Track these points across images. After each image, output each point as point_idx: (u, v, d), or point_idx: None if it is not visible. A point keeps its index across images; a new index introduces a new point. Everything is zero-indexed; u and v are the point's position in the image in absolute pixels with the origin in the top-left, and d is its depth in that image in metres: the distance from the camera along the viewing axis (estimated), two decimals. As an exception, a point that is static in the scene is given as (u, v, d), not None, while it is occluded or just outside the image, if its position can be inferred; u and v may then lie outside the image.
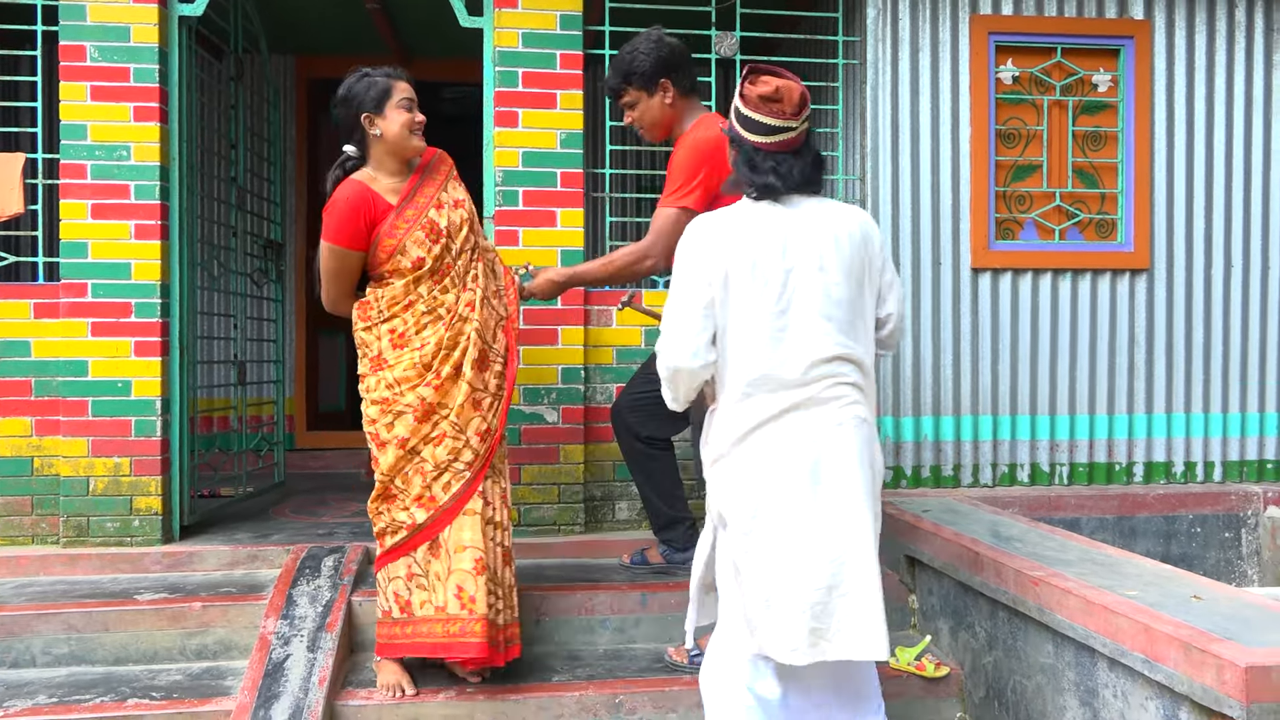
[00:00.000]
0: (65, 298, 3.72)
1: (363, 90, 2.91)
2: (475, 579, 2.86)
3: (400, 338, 2.91)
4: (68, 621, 3.21)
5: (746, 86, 2.44)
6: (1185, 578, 2.79)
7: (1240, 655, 2.08)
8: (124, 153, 3.73)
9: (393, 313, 2.92)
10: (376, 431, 2.92)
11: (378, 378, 2.92)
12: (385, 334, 2.92)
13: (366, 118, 2.91)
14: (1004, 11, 4.42)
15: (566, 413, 3.92)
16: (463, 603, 2.86)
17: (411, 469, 2.90)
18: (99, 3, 3.72)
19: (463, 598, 2.86)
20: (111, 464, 3.72)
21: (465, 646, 2.86)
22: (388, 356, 2.91)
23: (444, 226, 2.93)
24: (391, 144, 2.93)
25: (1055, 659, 2.73)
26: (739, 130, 2.46)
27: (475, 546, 2.88)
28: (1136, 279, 4.49)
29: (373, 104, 2.90)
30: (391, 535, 2.94)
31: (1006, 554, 3.03)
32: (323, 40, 6.01)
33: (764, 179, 2.42)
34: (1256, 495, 4.41)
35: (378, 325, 2.94)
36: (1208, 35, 4.53)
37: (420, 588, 2.92)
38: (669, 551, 3.54)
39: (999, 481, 4.44)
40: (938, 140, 4.37)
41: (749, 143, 2.44)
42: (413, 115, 2.93)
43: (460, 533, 2.89)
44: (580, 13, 3.93)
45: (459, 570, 2.88)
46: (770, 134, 2.42)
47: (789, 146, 2.43)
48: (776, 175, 2.42)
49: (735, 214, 2.44)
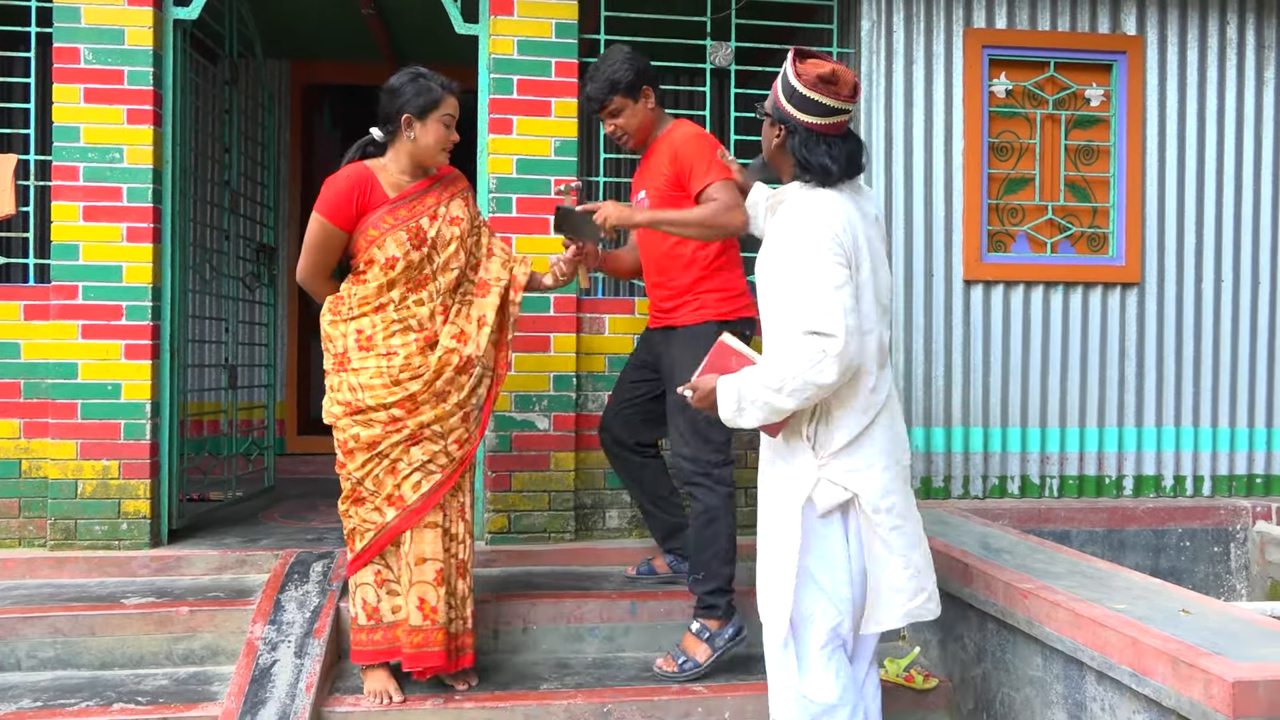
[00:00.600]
0: (56, 300, 3.71)
1: (413, 92, 2.89)
2: (436, 590, 2.90)
3: (368, 340, 2.89)
4: (54, 625, 3.19)
5: (802, 66, 2.40)
6: (1174, 592, 2.79)
7: (1228, 670, 2.08)
8: (117, 155, 3.72)
9: (362, 311, 2.90)
10: (344, 437, 2.91)
11: (340, 378, 2.91)
12: (352, 333, 2.91)
13: (407, 119, 2.90)
14: (998, 25, 4.44)
15: (558, 420, 3.92)
16: (425, 613, 2.89)
17: (382, 471, 2.89)
18: (94, 5, 3.71)
19: (425, 609, 2.89)
20: (100, 467, 3.71)
21: (428, 656, 2.90)
22: (352, 357, 2.89)
23: (430, 236, 2.92)
24: (420, 152, 2.93)
25: (1044, 671, 2.73)
26: (791, 111, 2.40)
27: (436, 559, 2.91)
28: (1127, 292, 4.51)
29: (418, 109, 2.89)
30: (361, 537, 2.94)
31: (996, 566, 3.03)
32: (318, 45, 6.02)
33: (821, 160, 2.39)
34: (1245, 510, 4.43)
35: (345, 322, 2.93)
36: (1199, 51, 4.56)
37: (391, 594, 2.94)
38: (675, 561, 3.55)
39: (989, 493, 4.44)
40: (931, 152, 4.39)
41: (802, 124, 2.40)
42: (449, 133, 2.94)
43: (421, 545, 2.91)
44: (575, 21, 3.94)
45: (421, 582, 2.90)
46: (827, 115, 2.39)
47: (840, 129, 2.42)
48: (831, 159, 2.39)
49: (836, 198, 2.39)
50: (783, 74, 2.44)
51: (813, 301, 2.27)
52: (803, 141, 2.40)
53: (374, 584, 2.94)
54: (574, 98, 3.94)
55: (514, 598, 3.41)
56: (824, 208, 2.35)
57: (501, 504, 3.89)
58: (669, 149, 3.24)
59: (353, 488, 2.92)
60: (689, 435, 3.18)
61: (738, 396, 2.35)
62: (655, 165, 3.30)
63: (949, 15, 4.41)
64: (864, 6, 4.37)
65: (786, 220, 2.42)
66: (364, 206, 2.89)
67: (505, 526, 3.89)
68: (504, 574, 3.71)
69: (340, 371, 2.91)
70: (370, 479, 2.89)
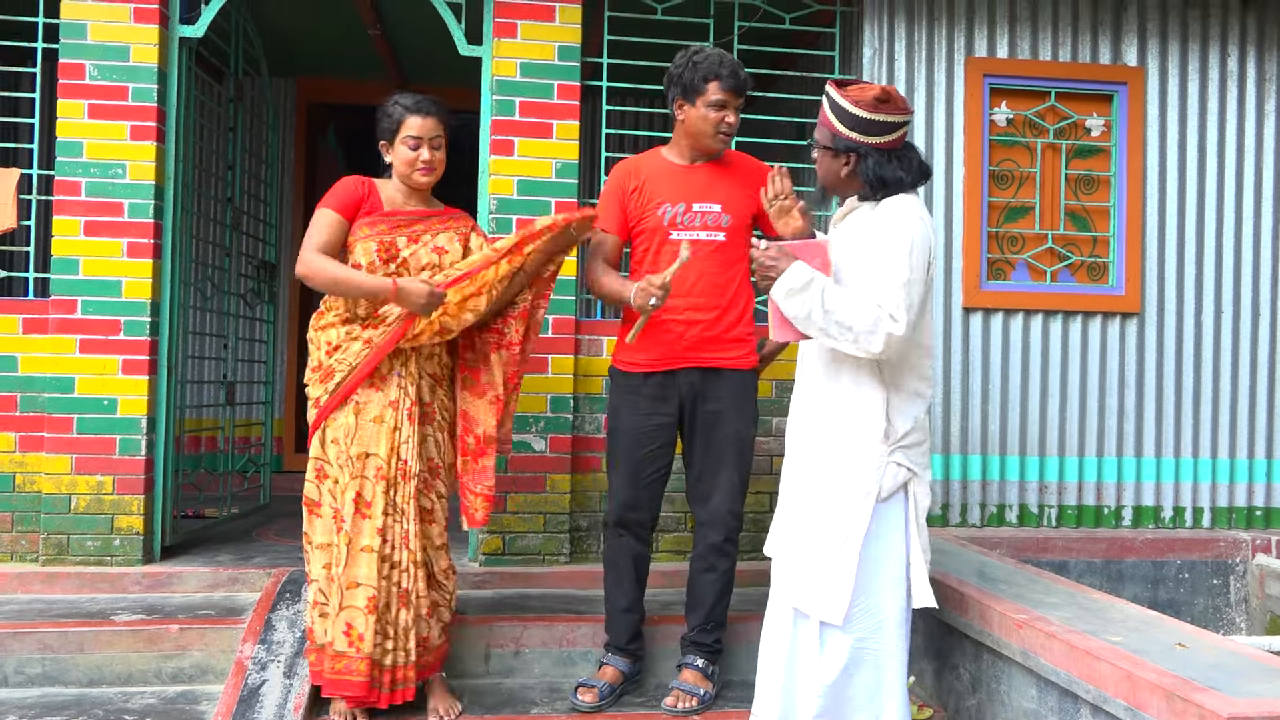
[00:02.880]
0: (55, 314, 3.71)
1: (381, 118, 2.98)
2: (365, 617, 2.82)
3: (333, 350, 2.93)
4: (42, 641, 3.17)
5: (852, 93, 2.52)
6: (1170, 624, 2.77)
7: (1223, 705, 2.06)
8: (119, 171, 3.73)
9: (330, 323, 2.96)
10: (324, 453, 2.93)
11: (323, 389, 2.93)
12: (323, 344, 2.94)
13: (383, 145, 3.00)
14: (999, 55, 4.46)
15: (554, 442, 3.91)
16: (350, 640, 2.82)
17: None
18: (100, 22, 3.74)
19: (351, 635, 2.82)
20: (94, 482, 3.70)
21: (346, 684, 2.83)
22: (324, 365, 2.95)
23: (404, 255, 2.93)
24: (399, 174, 2.99)
25: (1039, 704, 2.70)
26: (858, 138, 2.52)
27: (369, 584, 2.83)
28: (1127, 322, 4.50)
29: (387, 134, 2.97)
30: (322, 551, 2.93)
31: (992, 596, 3.01)
32: (324, 64, 6.06)
33: (897, 174, 2.53)
34: (1245, 542, 4.40)
35: (317, 331, 2.97)
36: (1200, 83, 4.58)
37: (323, 615, 2.89)
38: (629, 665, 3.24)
39: (987, 522, 4.42)
40: (931, 180, 4.39)
41: (872, 146, 2.52)
42: (417, 155, 2.94)
43: (355, 569, 2.84)
44: (579, 44, 3.96)
45: (350, 607, 2.83)
46: (892, 131, 2.52)
47: (901, 142, 2.56)
48: (905, 171, 2.55)
49: (917, 204, 2.57)
50: (833, 106, 2.55)
51: (889, 288, 2.43)
52: (876, 163, 2.53)
53: (311, 604, 2.91)
54: (576, 120, 3.96)
55: (506, 620, 3.39)
56: (909, 214, 2.50)
57: (496, 525, 3.87)
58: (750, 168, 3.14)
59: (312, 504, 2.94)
60: (740, 489, 3.12)
61: (805, 284, 2.47)
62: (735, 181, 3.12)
63: (950, 44, 4.43)
64: (866, 34, 4.39)
65: (869, 225, 2.54)
66: (359, 203, 2.95)
67: (500, 548, 3.87)
68: (497, 596, 3.69)
69: (324, 383, 2.94)
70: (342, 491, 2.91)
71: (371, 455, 2.87)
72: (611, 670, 3.17)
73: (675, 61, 3.08)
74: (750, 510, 4.04)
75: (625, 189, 3.15)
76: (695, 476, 3.15)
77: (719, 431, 3.07)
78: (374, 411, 2.89)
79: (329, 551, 2.88)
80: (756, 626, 3.44)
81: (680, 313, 3.02)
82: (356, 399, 2.88)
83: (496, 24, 3.92)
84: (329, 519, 2.89)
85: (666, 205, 3.08)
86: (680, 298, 3.00)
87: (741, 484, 3.13)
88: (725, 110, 3.02)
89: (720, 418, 3.07)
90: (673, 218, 3.07)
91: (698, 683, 3.11)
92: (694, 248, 2.95)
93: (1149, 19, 4.54)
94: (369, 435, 2.88)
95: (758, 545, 4.01)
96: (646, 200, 3.11)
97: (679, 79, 3.05)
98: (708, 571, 3.14)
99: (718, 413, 3.07)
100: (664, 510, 3.96)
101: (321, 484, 2.91)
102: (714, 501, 3.10)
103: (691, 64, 3.02)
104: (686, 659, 3.17)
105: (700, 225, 3.07)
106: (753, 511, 4.05)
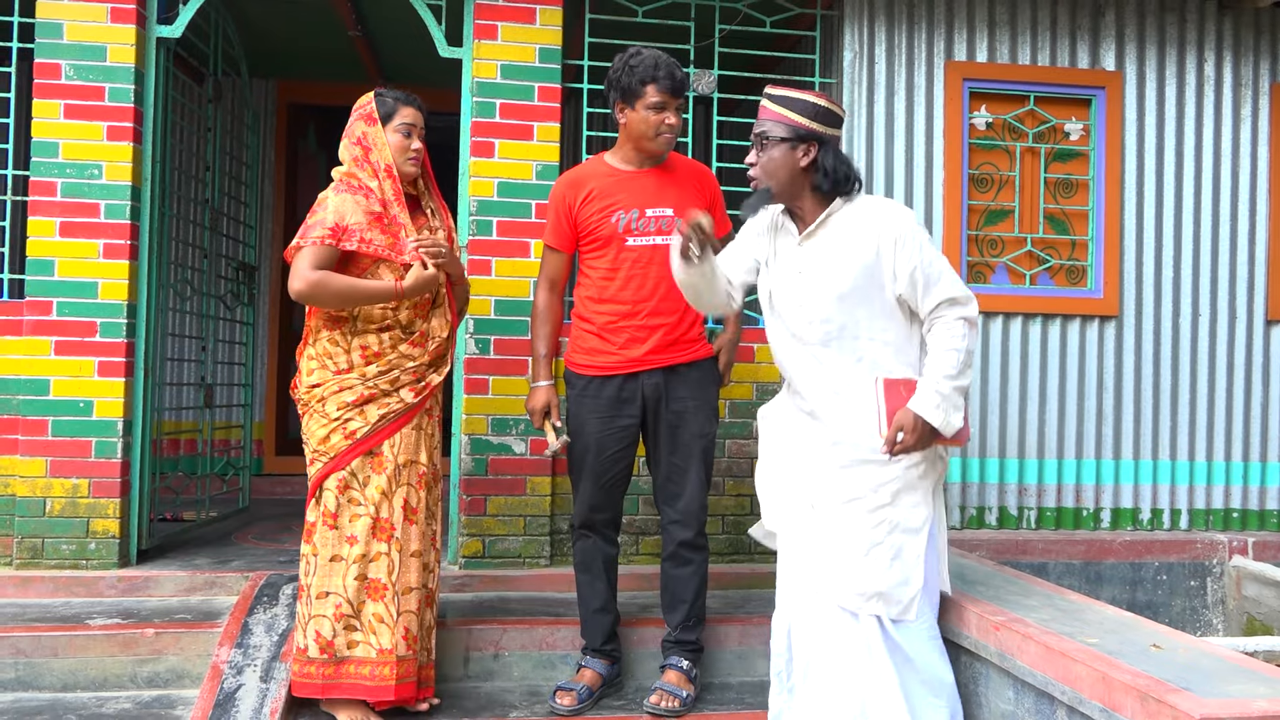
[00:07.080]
0: (30, 315, 3.68)
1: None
2: (417, 619, 2.93)
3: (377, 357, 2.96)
4: (15, 645, 3.14)
5: (801, 90, 2.62)
6: (1146, 626, 2.78)
7: (1195, 706, 2.07)
8: (95, 171, 3.71)
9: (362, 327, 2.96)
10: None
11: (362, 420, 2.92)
12: (356, 348, 2.95)
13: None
14: (979, 59, 4.48)
15: (535, 444, 3.90)
16: (409, 644, 2.89)
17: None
18: (76, 22, 3.71)
19: (409, 639, 2.89)
20: (70, 485, 3.67)
21: (396, 689, 2.85)
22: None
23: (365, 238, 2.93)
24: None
25: (1016, 705, 2.71)
26: (819, 128, 2.60)
27: (420, 588, 2.94)
28: (1106, 325, 4.53)
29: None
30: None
31: (969, 598, 3.01)
32: (305, 66, 6.02)
33: (852, 169, 2.66)
34: (1222, 544, 4.43)
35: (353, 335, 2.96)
36: (1178, 88, 4.61)
37: (351, 629, 2.85)
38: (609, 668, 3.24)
39: (967, 524, 4.44)
40: (911, 183, 4.41)
41: (833, 137, 2.64)
42: (409, 141, 2.98)
43: (408, 575, 2.91)
44: (559, 47, 3.95)
45: (406, 612, 2.89)
46: (841, 126, 2.67)
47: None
48: (852, 166, 2.66)
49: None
50: (784, 101, 2.61)
51: (940, 275, 2.55)
52: (834, 153, 2.60)
53: (332, 617, 2.84)
54: (557, 122, 3.95)
55: (486, 623, 3.38)
56: (894, 205, 2.62)
57: (476, 528, 3.85)
58: (695, 172, 3.22)
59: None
60: (707, 484, 3.15)
61: (939, 403, 2.49)
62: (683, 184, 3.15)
63: (930, 48, 4.45)
64: (846, 38, 4.40)
65: (868, 225, 2.59)
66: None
67: (479, 551, 3.86)
68: (476, 599, 3.68)
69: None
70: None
71: (415, 462, 2.95)
72: (590, 673, 3.16)
73: (613, 65, 3.07)
74: (731, 512, 4.05)
75: (571, 202, 3.13)
76: (664, 476, 3.15)
77: (685, 430, 3.10)
78: (415, 420, 2.97)
79: (363, 563, 2.85)
80: (736, 629, 3.46)
81: (642, 318, 3.05)
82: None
83: (477, 25, 3.91)
84: (364, 529, 2.85)
85: (620, 212, 3.07)
86: (642, 303, 3.05)
87: (708, 479, 3.16)
88: (665, 112, 3.03)
89: (684, 417, 3.10)
90: (627, 224, 3.07)
91: (681, 684, 3.10)
92: (651, 253, 3.04)
93: (1127, 24, 4.58)
94: (412, 443, 2.95)
95: (738, 547, 4.04)
96: (599, 208, 3.09)
97: (617, 83, 3.04)
98: (684, 566, 3.15)
99: (681, 412, 3.10)
100: (643, 512, 3.98)
101: (343, 494, 2.86)
102: (685, 499, 3.12)
103: (628, 67, 3.02)
104: (670, 660, 3.16)
105: (655, 230, 3.07)
106: (734, 514, 4.05)
